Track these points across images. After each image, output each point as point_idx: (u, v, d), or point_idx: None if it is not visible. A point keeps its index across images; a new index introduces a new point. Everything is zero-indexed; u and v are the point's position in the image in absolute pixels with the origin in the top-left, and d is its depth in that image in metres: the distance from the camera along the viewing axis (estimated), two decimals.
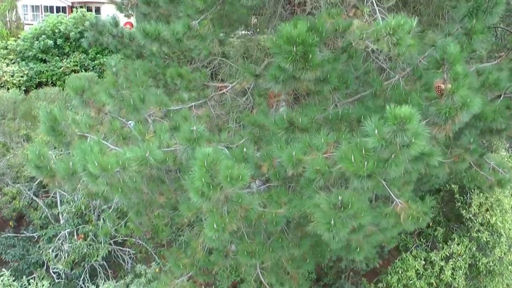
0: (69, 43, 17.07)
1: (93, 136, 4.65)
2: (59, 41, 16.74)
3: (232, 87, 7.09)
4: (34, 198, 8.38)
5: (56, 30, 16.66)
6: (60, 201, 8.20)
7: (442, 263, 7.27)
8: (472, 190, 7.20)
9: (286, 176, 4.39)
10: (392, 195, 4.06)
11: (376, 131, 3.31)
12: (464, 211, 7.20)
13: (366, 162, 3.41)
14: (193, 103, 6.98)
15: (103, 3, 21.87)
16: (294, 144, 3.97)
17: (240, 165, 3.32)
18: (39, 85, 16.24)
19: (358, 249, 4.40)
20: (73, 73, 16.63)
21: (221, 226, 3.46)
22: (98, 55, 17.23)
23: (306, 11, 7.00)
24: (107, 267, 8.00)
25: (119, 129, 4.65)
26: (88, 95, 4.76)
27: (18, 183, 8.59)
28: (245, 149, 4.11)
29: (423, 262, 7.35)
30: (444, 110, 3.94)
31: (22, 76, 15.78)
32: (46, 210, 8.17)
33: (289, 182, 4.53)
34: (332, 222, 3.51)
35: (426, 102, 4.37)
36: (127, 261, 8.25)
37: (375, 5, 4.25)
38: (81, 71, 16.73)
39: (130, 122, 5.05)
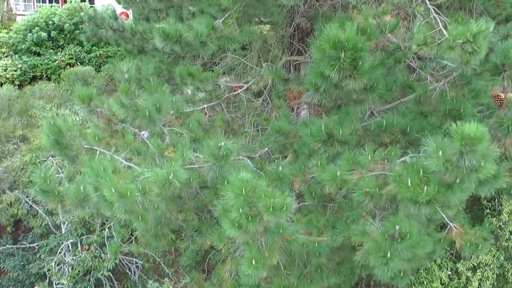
0: (63, 35, 16.35)
1: (102, 149, 4.15)
2: (53, 33, 16.01)
3: (248, 88, 6.59)
4: (33, 205, 7.86)
5: (50, 22, 15.91)
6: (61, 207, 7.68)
7: (469, 273, 6.90)
8: (501, 196, 6.79)
9: (322, 194, 3.93)
10: (446, 218, 3.61)
11: (440, 153, 2.85)
12: (494, 219, 6.81)
13: (425, 187, 2.96)
14: (205, 105, 6.48)
15: None
16: (337, 161, 3.50)
17: (284, 194, 2.85)
18: (33, 79, 15.56)
19: (401, 274, 3.96)
20: (68, 66, 15.94)
21: (261, 262, 3.00)
22: (94, 48, 16.53)
23: (326, 5, 6.48)
24: (113, 279, 7.53)
25: (132, 142, 4.14)
26: (96, 104, 4.25)
27: (16, 189, 8.06)
28: (280, 168, 3.62)
29: (449, 273, 6.97)
30: (507, 124, 3.49)
31: (15, 70, 15.08)
32: (47, 218, 7.66)
33: (324, 201, 4.07)
34: (389, 255, 3.06)
35: (480, 113, 3.92)
36: (134, 271, 7.79)
37: (427, 2, 3.75)
38: (77, 64, 16.05)
39: (143, 132, 4.54)
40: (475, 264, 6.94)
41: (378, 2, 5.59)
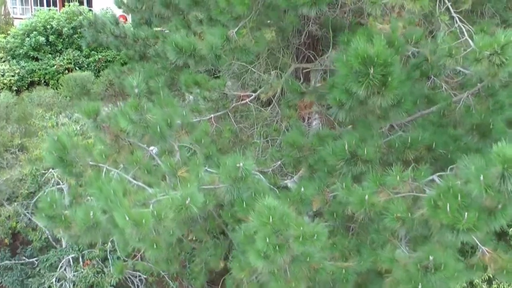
0: (61, 40, 16.07)
1: (109, 166, 3.92)
2: (51, 38, 15.74)
3: (256, 96, 6.37)
4: (32, 219, 7.60)
5: (48, 26, 15.64)
6: None
7: (484, 285, 6.72)
8: None
9: (343, 214, 3.72)
10: (477, 241, 3.41)
11: (482, 178, 2.65)
12: (510, 229, 6.64)
13: (466, 213, 2.76)
14: (212, 115, 6.25)
15: None
16: (363, 182, 3.29)
17: (315, 222, 2.65)
18: (31, 84, 15.29)
19: None
20: (67, 71, 15.68)
21: None
22: (92, 52, 16.26)
23: (337, 12, 6.28)
24: None
25: (142, 159, 3.92)
26: (103, 119, 4.02)
27: (15, 201, 7.80)
28: (302, 189, 3.41)
29: (464, 284, 6.78)
30: None
31: (13, 76, 14.81)
32: (47, 231, 7.40)
33: (346, 221, 3.85)
34: (420, 287, 2.87)
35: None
36: (137, 285, 7.54)
37: (451, 11, 3.55)
38: (75, 69, 15.78)
39: (152, 148, 4.32)
40: (490, 276, 6.76)
41: (393, 9, 5.40)
